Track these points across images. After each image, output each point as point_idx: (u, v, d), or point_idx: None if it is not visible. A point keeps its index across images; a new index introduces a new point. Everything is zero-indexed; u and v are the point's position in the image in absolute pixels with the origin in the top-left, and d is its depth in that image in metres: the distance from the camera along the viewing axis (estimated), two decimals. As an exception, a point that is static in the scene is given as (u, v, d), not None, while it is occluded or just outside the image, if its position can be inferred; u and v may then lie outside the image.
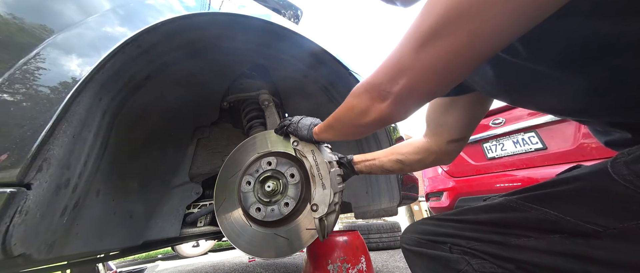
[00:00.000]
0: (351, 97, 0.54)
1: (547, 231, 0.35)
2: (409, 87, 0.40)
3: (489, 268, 0.40)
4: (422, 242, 0.50)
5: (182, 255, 4.28)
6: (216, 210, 0.88)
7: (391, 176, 1.19)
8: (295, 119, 0.85)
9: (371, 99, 0.48)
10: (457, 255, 0.43)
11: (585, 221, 0.32)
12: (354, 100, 0.53)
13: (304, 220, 0.84)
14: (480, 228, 0.43)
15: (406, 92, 0.41)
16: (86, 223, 0.71)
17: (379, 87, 0.45)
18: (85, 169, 0.62)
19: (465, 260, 0.42)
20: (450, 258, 0.44)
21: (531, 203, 0.38)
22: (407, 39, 0.36)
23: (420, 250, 0.49)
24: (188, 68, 0.95)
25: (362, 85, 0.50)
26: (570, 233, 0.33)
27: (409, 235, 0.54)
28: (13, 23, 0.48)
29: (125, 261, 5.09)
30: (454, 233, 0.46)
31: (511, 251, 0.38)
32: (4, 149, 0.42)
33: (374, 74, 0.46)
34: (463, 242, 0.44)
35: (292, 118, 0.86)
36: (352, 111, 0.55)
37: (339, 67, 1.08)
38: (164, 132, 1.07)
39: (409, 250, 0.52)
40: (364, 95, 0.50)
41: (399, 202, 1.17)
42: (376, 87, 0.46)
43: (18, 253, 0.44)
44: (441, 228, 0.48)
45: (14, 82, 0.45)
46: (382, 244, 3.08)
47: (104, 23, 0.58)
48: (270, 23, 0.93)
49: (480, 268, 0.40)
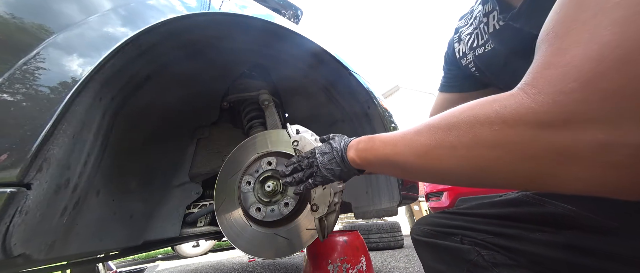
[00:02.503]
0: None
1: (564, 227, 0.35)
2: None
3: (501, 259, 0.39)
4: (432, 233, 0.49)
5: (182, 255, 4.28)
6: (216, 210, 0.88)
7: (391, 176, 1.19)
8: (311, 157, 0.56)
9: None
10: (468, 246, 0.42)
11: (603, 217, 0.31)
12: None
13: (304, 220, 0.84)
14: (494, 222, 0.42)
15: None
16: (86, 223, 0.71)
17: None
18: (85, 169, 0.62)
19: (476, 251, 0.41)
20: (461, 249, 0.43)
21: (548, 198, 0.37)
22: None
23: (431, 241, 0.48)
24: (188, 68, 0.95)
25: None
26: (589, 228, 0.33)
27: (419, 227, 0.53)
28: (13, 23, 0.48)
29: (125, 261, 5.09)
30: (466, 226, 0.44)
31: (525, 244, 0.37)
32: (4, 149, 0.42)
33: None
34: (474, 234, 0.43)
35: (298, 158, 0.60)
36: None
37: (339, 67, 1.08)
38: (164, 132, 1.07)
39: (419, 240, 0.51)
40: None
41: (399, 202, 1.17)
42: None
43: (18, 253, 0.44)
44: (453, 221, 0.47)
45: (14, 82, 0.45)
46: (382, 244, 3.08)
47: (104, 23, 0.58)
48: (270, 23, 0.92)
49: (491, 259, 0.39)
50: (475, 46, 0.57)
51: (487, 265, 0.39)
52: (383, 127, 1.16)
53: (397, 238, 3.11)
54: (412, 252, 2.63)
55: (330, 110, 1.28)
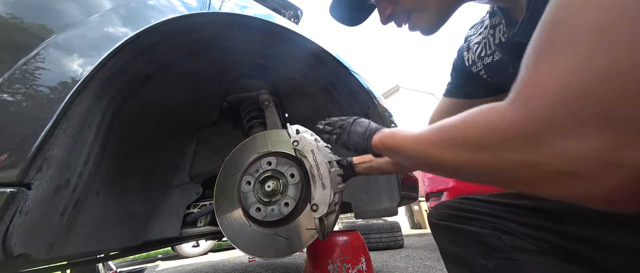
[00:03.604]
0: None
1: (594, 221, 0.34)
2: None
3: (523, 244, 0.38)
4: (451, 217, 0.49)
5: (182, 255, 4.28)
6: (216, 210, 0.88)
7: (391, 176, 1.19)
8: (346, 124, 0.65)
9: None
10: (488, 230, 0.42)
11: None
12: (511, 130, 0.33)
13: (304, 220, 0.84)
14: (519, 212, 0.41)
15: None
16: (86, 223, 0.71)
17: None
18: (85, 169, 0.62)
19: (497, 236, 0.41)
20: (481, 233, 0.42)
21: None
22: None
23: (449, 224, 0.48)
24: (188, 68, 0.95)
25: None
26: (629, 222, 0.32)
27: (438, 211, 0.53)
28: (13, 23, 0.48)
29: (125, 261, 5.09)
30: (488, 212, 0.44)
31: (552, 235, 0.36)
32: (4, 149, 0.42)
33: None
34: (496, 220, 0.42)
35: (336, 120, 0.67)
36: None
37: (339, 67, 1.08)
38: (164, 132, 1.07)
39: (437, 224, 0.51)
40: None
41: (399, 202, 1.17)
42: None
43: (18, 253, 0.44)
44: (473, 207, 0.47)
45: (14, 82, 0.45)
46: (382, 244, 3.08)
47: (104, 23, 0.58)
48: (270, 23, 0.92)
49: (513, 243, 0.39)
50: (483, 55, 0.59)
51: (507, 249, 0.39)
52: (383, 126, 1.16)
53: (397, 238, 3.11)
54: (412, 252, 2.63)
55: (330, 110, 1.27)
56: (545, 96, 0.22)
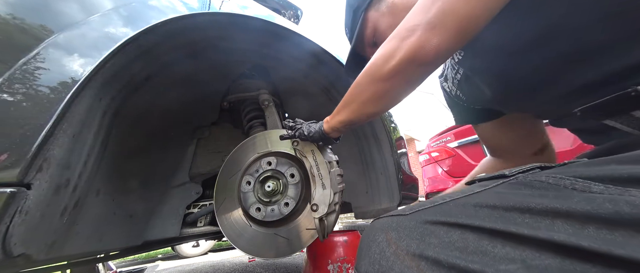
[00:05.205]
0: (375, 53, 0.48)
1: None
2: (443, 9, 0.36)
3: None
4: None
5: (182, 255, 4.28)
6: (216, 210, 0.88)
7: (391, 176, 1.19)
8: (302, 122, 0.80)
9: (399, 39, 0.41)
10: None
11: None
12: (377, 53, 0.46)
13: (304, 220, 0.84)
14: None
15: (440, 14, 0.36)
16: (86, 223, 0.71)
17: (407, 25, 0.40)
18: (85, 169, 0.62)
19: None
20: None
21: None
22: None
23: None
24: (188, 68, 0.95)
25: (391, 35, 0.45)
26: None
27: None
28: (13, 23, 0.48)
29: (125, 261, 5.09)
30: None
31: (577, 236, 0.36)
32: (4, 149, 0.42)
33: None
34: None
35: (296, 121, 0.82)
36: (372, 66, 0.47)
37: (340, 67, 1.08)
38: (164, 132, 1.07)
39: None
40: (391, 41, 0.43)
41: (399, 202, 1.17)
42: (404, 27, 0.41)
43: (18, 253, 0.44)
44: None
45: (14, 82, 0.45)
46: (382, 244, 3.07)
47: (105, 23, 0.58)
48: (270, 23, 0.92)
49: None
50: (453, 76, 0.64)
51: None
52: (383, 126, 1.16)
53: (397, 238, 3.10)
54: (412, 252, 2.62)
55: (330, 110, 1.27)
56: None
